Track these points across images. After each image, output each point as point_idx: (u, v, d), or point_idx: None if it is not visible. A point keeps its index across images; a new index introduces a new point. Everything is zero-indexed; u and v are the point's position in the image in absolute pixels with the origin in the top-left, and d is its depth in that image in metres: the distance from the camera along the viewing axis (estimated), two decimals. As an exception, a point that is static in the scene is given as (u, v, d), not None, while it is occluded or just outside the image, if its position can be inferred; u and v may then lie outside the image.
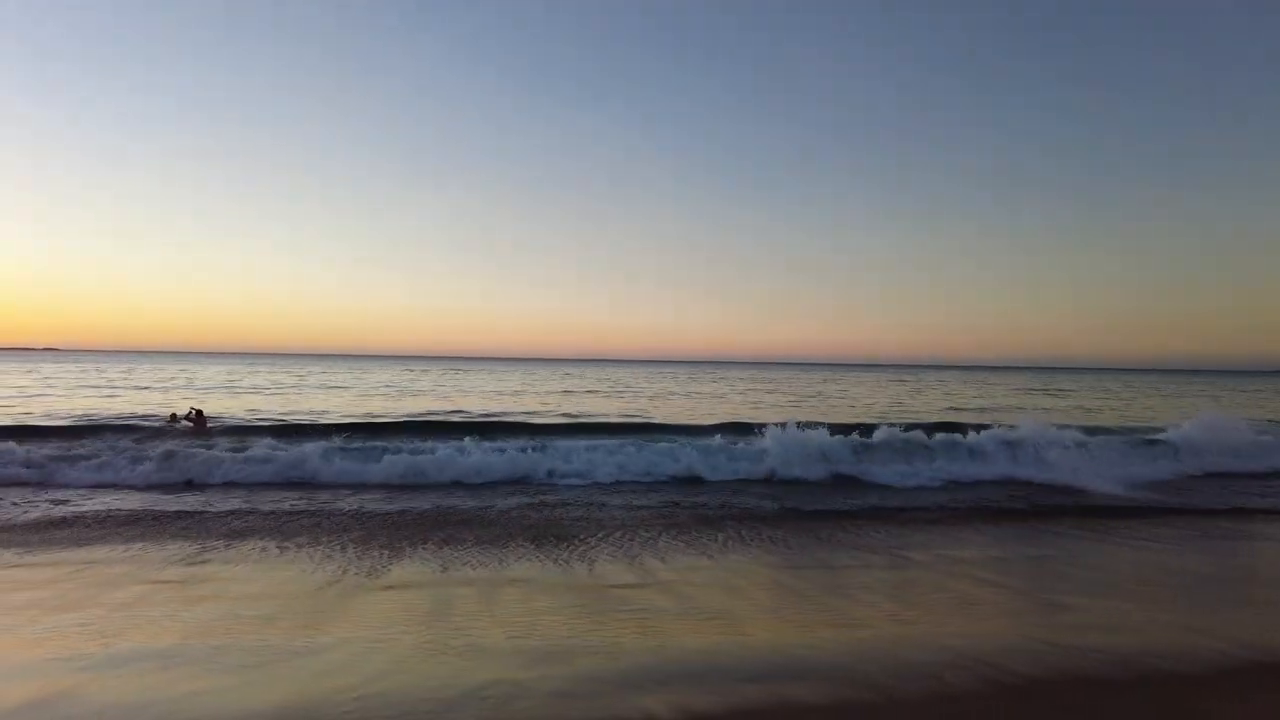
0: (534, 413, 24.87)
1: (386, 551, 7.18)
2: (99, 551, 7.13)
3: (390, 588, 6.01)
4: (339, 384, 45.43)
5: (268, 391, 36.24)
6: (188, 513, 8.95)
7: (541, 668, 4.22)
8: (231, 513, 9.00)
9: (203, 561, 6.78)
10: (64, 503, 9.42)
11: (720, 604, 5.66)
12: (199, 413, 18.22)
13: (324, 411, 23.71)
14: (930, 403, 34.47)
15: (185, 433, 16.80)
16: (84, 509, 9.04)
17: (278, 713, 3.56)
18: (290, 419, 20.54)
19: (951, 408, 31.05)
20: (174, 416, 18.94)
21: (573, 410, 26.06)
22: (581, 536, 7.99)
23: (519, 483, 11.38)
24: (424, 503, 9.74)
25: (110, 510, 9.01)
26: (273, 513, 9.06)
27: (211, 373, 59.24)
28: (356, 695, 3.76)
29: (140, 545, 7.40)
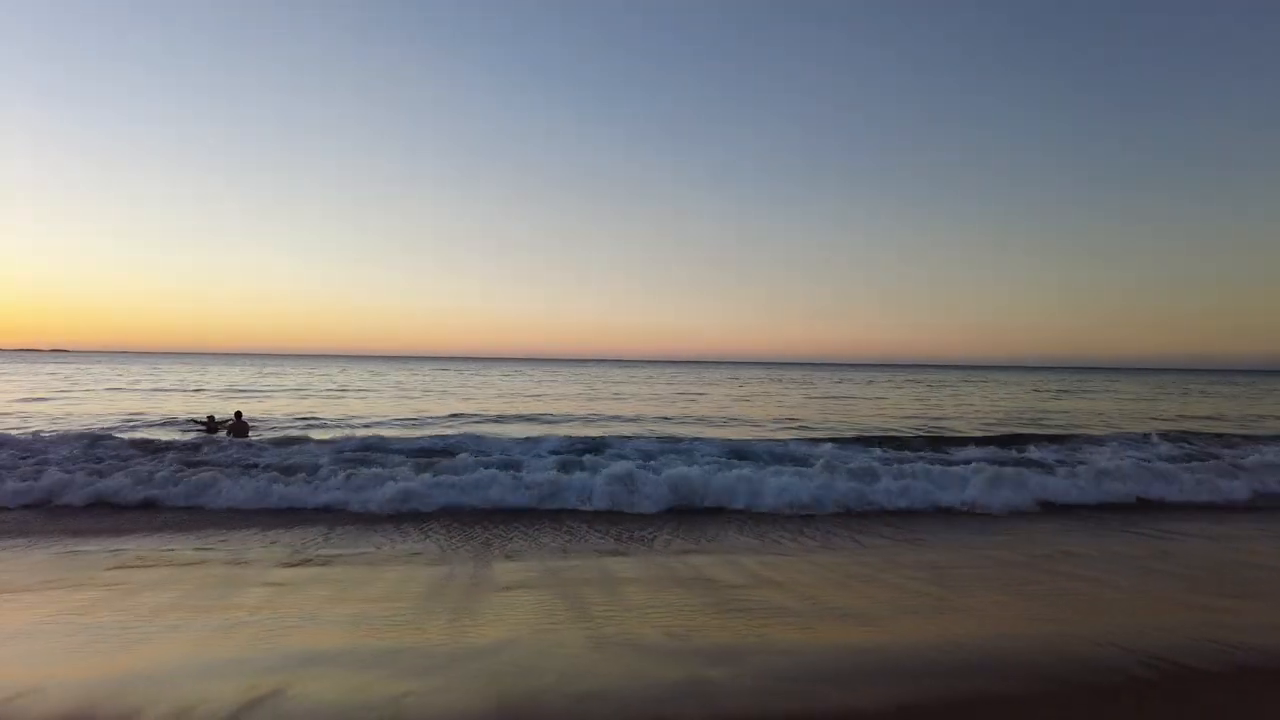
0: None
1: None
2: (205, 553, 7.20)
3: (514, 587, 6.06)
4: (375, 384, 45.41)
5: (307, 394, 36.26)
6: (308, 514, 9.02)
7: (724, 666, 4.25)
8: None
9: (303, 563, 6.87)
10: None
11: (864, 605, 5.71)
12: (238, 415, 17.74)
13: (418, 419, 23.55)
14: (1001, 406, 33.39)
15: (220, 438, 16.02)
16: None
17: (500, 713, 3.60)
18: (373, 426, 19.86)
19: (1040, 413, 29.42)
20: (211, 420, 18.11)
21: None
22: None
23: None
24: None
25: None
26: (370, 514, 9.15)
27: (231, 374, 59.18)
28: (569, 694, 3.80)
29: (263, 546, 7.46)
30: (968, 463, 12.01)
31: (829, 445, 14.77)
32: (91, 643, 4.62)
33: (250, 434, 16.83)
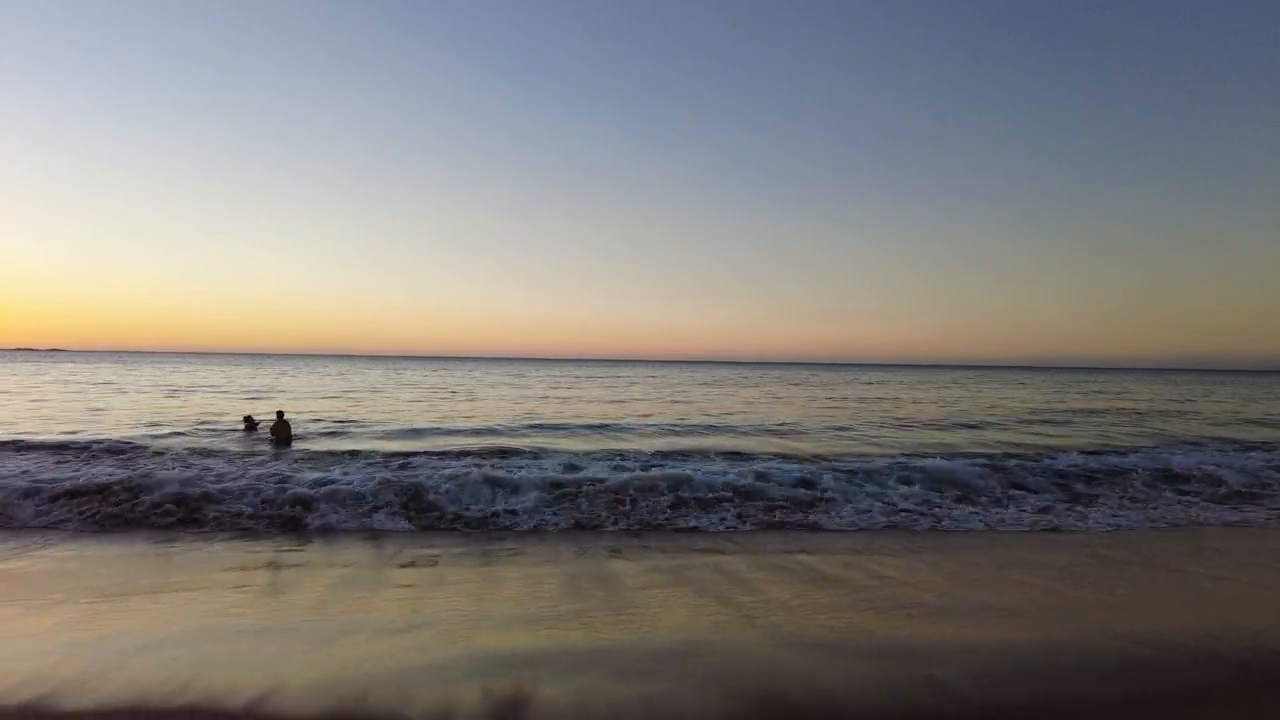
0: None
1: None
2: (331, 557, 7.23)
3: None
4: (395, 384, 45.18)
5: (327, 396, 36.06)
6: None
7: (941, 665, 4.30)
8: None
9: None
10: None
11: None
12: (280, 415, 16.44)
13: (442, 424, 23.46)
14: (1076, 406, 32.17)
15: (259, 439, 15.64)
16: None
17: (762, 713, 3.64)
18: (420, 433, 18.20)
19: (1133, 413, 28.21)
20: (249, 421, 17.28)
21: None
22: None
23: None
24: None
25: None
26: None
27: (241, 373, 58.77)
28: (814, 692, 3.85)
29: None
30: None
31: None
32: (322, 642, 4.64)
33: (292, 435, 16.06)
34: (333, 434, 17.60)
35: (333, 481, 9.88)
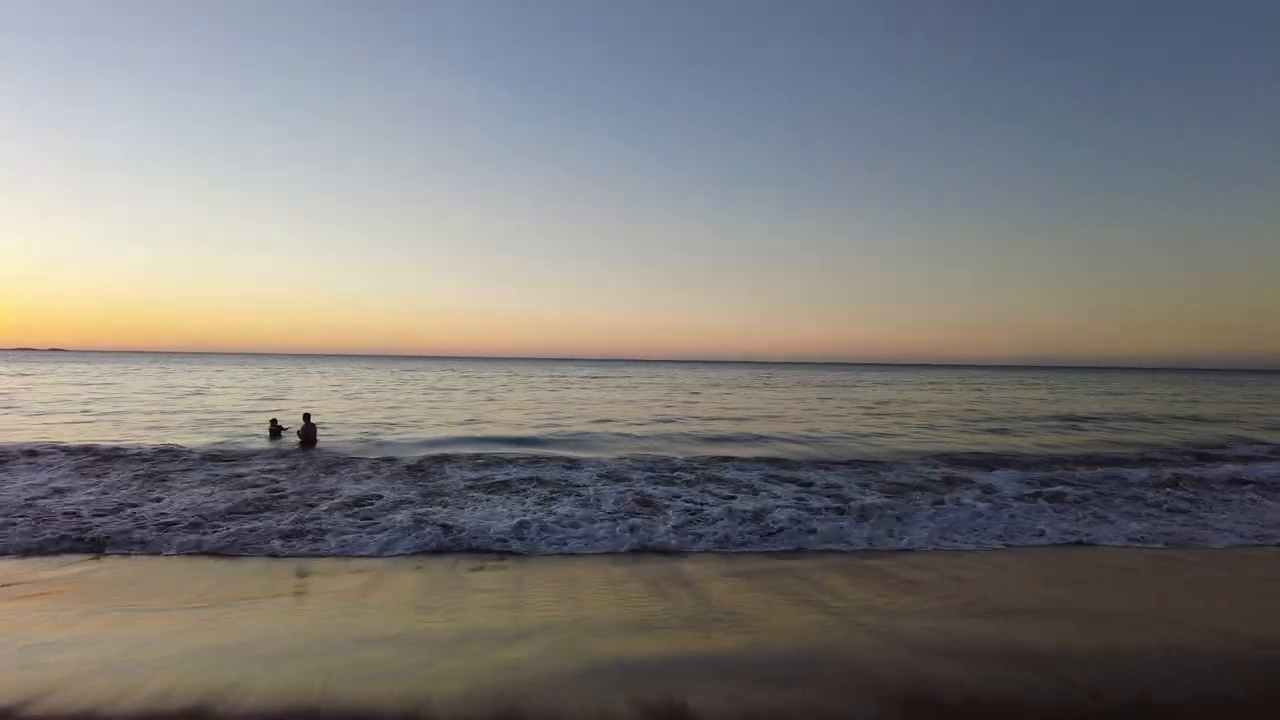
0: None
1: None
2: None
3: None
4: (414, 384, 44.98)
5: (344, 396, 35.90)
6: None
7: (1097, 669, 4.31)
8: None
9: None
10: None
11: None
12: (307, 418, 15.88)
13: (477, 431, 22.81)
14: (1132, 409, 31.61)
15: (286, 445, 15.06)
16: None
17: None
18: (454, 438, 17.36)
19: (1193, 417, 27.33)
20: (275, 425, 16.48)
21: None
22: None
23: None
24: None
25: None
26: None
27: (251, 374, 58.41)
28: (957, 692, 3.85)
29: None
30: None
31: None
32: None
33: (318, 438, 15.66)
34: (368, 437, 17.57)
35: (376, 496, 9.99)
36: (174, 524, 8.21)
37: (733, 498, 10.33)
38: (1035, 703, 3.84)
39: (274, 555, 7.32)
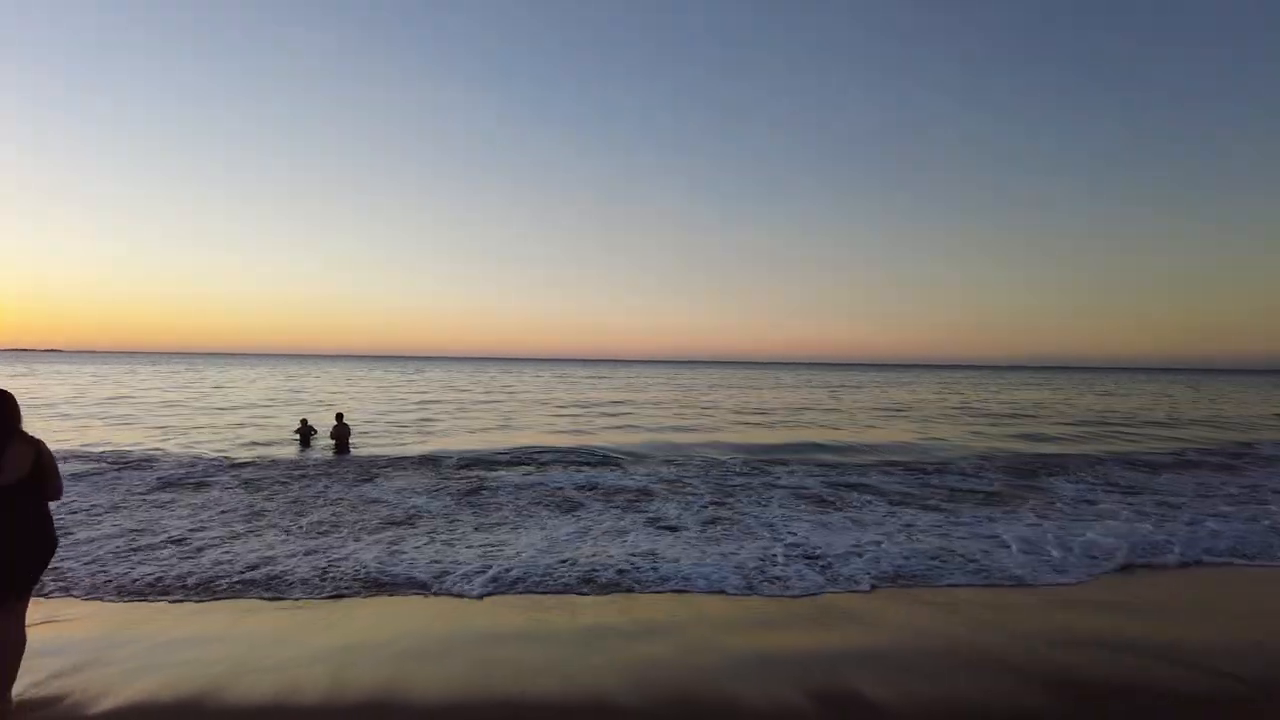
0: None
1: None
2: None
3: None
4: (437, 386, 44.61)
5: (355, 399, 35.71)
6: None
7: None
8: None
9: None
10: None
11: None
12: (340, 418, 15.04)
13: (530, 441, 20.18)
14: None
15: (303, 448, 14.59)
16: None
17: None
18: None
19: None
20: (305, 427, 15.59)
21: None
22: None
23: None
24: None
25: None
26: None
27: (262, 374, 57.92)
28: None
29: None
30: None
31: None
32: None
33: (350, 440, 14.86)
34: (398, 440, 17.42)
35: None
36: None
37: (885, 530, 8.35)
38: (1188, 692, 3.87)
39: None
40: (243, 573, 6.24)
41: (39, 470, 3.37)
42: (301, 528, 7.94)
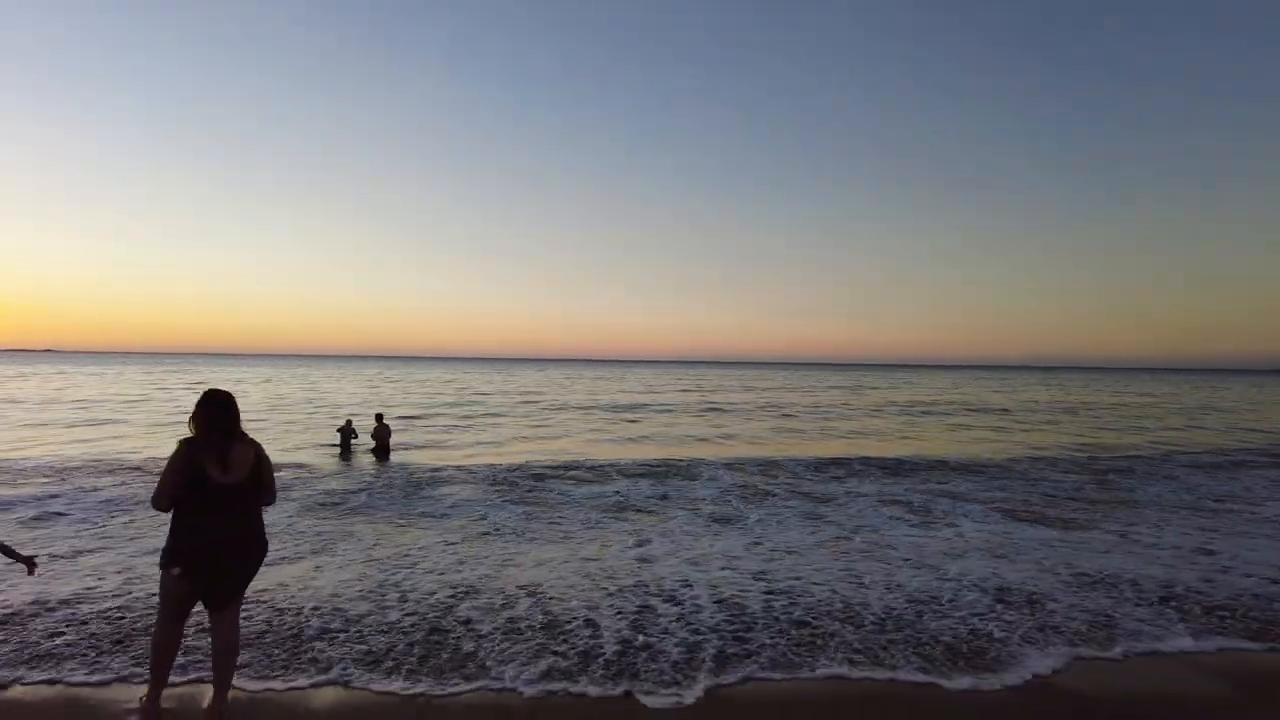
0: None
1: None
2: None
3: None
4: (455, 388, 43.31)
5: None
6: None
7: None
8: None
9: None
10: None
11: None
12: (380, 418, 13.88)
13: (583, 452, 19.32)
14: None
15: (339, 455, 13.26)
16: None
17: None
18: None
19: None
20: (349, 429, 14.03)
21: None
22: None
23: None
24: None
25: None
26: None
27: (258, 376, 56.59)
28: None
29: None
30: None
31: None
32: None
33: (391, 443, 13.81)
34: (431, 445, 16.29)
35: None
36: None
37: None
38: None
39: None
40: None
41: (257, 473, 3.38)
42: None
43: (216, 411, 3.30)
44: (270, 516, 7.47)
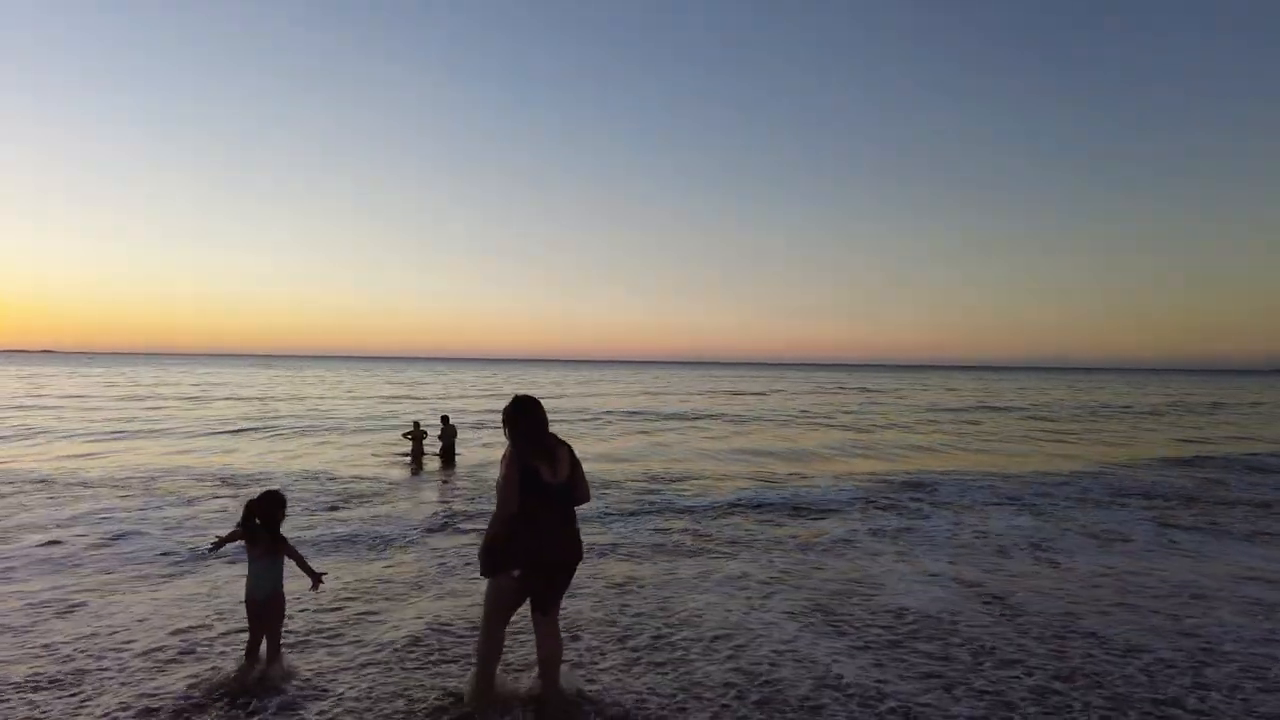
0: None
1: None
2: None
3: None
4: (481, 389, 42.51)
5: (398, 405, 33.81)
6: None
7: None
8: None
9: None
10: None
11: None
12: (446, 420, 12.95)
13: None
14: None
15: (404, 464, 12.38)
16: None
17: None
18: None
19: None
20: (418, 431, 12.81)
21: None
22: None
23: None
24: None
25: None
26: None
27: (267, 377, 55.72)
28: None
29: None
30: None
31: None
32: None
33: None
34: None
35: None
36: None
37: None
38: None
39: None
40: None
41: (576, 472, 3.38)
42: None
43: (539, 414, 3.33)
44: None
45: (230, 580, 5.42)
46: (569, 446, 3.40)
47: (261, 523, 3.71)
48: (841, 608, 5.08)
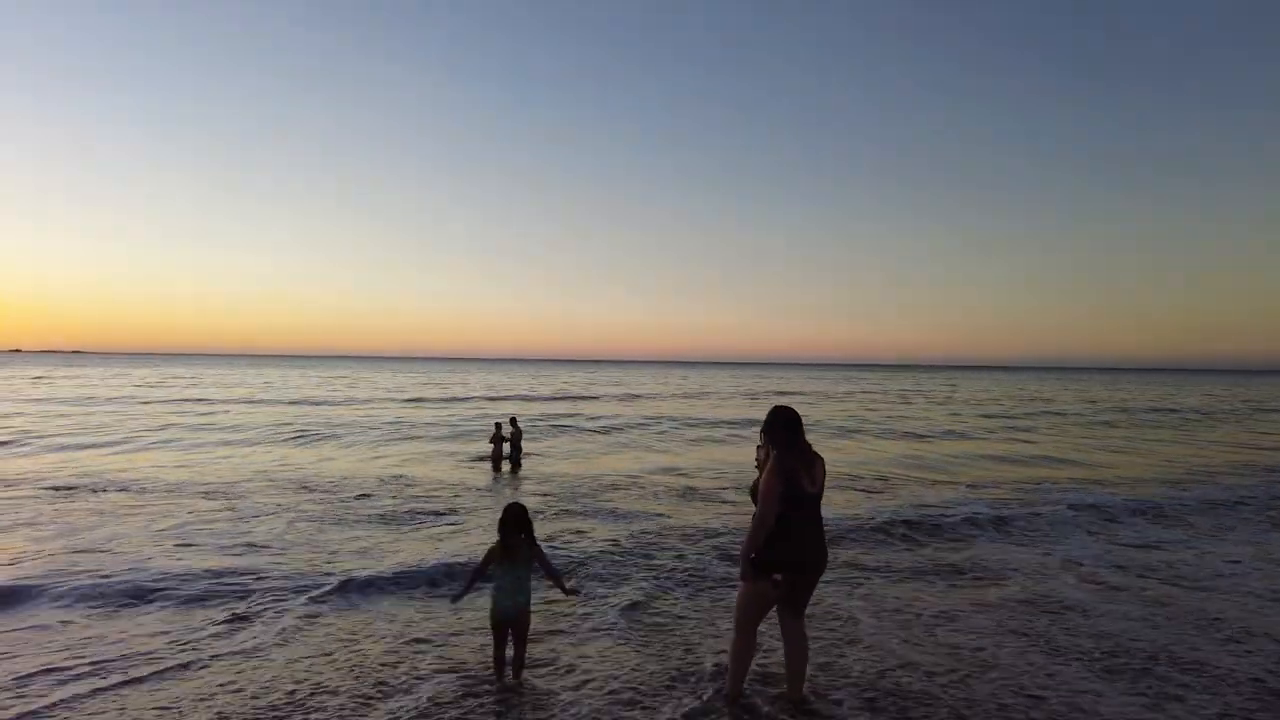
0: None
1: None
2: None
3: None
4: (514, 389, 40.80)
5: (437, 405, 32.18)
6: None
7: None
8: None
9: None
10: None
11: None
12: (514, 421, 12.57)
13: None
14: None
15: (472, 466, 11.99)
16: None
17: None
18: None
19: None
20: (499, 430, 12.40)
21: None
22: None
23: None
24: None
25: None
26: None
27: (274, 378, 53.71)
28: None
29: None
30: None
31: None
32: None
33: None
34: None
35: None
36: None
37: None
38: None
39: None
40: None
41: (823, 483, 3.45)
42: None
43: (798, 426, 3.39)
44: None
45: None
46: (823, 459, 3.46)
47: (525, 536, 3.76)
48: None
